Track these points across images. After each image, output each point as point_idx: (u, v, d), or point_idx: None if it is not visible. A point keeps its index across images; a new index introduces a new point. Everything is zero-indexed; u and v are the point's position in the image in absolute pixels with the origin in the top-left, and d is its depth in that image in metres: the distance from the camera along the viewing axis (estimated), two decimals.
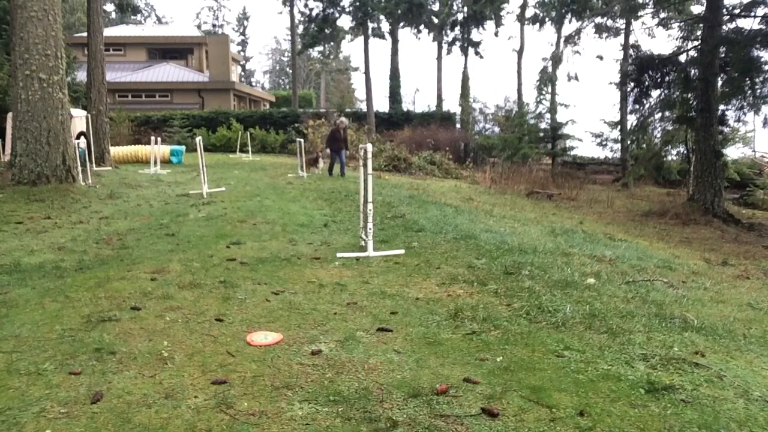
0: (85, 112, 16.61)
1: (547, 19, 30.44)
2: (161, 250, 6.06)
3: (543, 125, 26.96)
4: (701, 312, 4.46)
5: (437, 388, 2.88)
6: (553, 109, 26.99)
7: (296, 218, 8.29)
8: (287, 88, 60.68)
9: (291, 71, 50.03)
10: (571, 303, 4.37)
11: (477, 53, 35.00)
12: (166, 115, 28.26)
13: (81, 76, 22.30)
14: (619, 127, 25.57)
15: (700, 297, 5.12)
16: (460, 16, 34.38)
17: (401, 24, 33.54)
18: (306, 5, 33.90)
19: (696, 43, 16.79)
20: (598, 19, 23.28)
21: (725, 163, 17.93)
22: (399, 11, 31.06)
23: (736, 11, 15.53)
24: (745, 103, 15.61)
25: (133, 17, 51.51)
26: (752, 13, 14.86)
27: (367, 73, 32.13)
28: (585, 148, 40.93)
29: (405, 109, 34.09)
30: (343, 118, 16.69)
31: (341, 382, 2.98)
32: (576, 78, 25.53)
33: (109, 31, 34.23)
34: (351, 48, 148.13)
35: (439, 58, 36.15)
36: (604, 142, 28.37)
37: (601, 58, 27.55)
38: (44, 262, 5.55)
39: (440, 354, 3.37)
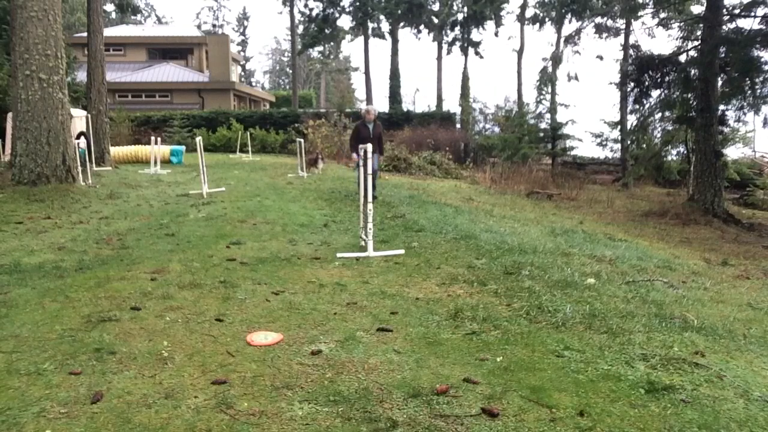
0: (85, 112, 16.60)
1: (547, 19, 30.48)
2: (161, 250, 6.07)
3: (543, 125, 26.93)
4: (701, 312, 4.46)
5: (437, 388, 2.88)
6: (553, 109, 26.97)
7: (296, 218, 8.29)
8: (287, 88, 60.69)
9: (291, 71, 50.02)
10: (571, 303, 4.36)
11: (477, 53, 35.06)
12: (166, 115, 28.24)
13: (81, 76, 22.28)
14: (619, 127, 25.54)
15: (700, 297, 5.11)
16: (460, 16, 34.43)
17: (401, 24, 33.59)
18: (306, 5, 34.02)
19: (696, 43, 16.77)
20: (598, 19, 23.31)
21: (725, 163, 17.89)
22: (399, 11, 31.10)
23: (736, 11, 15.51)
24: (745, 103, 15.57)
25: (133, 17, 51.41)
26: (752, 13, 14.84)
27: (367, 73, 32.17)
28: (585, 148, 40.94)
29: (405, 109, 34.09)
30: (369, 106, 11.02)
31: (341, 382, 2.98)
32: (576, 78, 25.70)
33: (109, 31, 34.21)
34: (351, 48, 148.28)
35: (439, 58, 36.21)
36: (604, 142, 28.39)
37: (601, 58, 27.69)
38: (44, 262, 5.55)
39: (440, 354, 3.37)
